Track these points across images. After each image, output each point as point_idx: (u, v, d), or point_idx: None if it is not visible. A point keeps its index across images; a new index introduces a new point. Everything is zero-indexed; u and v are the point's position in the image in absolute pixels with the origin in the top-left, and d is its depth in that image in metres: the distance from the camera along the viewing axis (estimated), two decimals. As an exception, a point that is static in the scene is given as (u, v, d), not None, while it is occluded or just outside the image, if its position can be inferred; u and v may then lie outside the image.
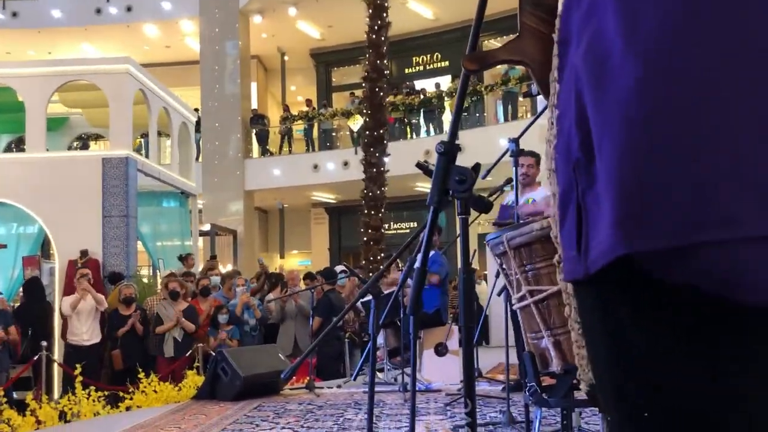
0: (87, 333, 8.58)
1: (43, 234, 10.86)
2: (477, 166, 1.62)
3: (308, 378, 6.87)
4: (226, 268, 16.49)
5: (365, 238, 13.38)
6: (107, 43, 20.48)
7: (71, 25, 19.90)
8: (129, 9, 19.85)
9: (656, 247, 0.72)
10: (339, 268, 9.41)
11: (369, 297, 6.42)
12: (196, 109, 17.98)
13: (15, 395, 8.19)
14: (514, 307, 2.86)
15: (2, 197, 10.44)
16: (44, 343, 8.12)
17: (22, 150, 11.05)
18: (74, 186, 10.20)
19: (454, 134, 1.58)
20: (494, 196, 4.97)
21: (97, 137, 16.05)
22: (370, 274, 11.51)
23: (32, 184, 10.24)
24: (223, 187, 18.15)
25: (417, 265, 1.61)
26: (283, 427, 5.27)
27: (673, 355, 0.75)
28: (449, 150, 1.54)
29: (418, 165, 2.70)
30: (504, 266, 2.93)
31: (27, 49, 20.31)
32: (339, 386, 7.14)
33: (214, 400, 6.56)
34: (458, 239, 1.70)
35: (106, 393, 6.88)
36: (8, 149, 12.93)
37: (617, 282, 0.78)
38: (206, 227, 16.15)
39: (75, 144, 15.90)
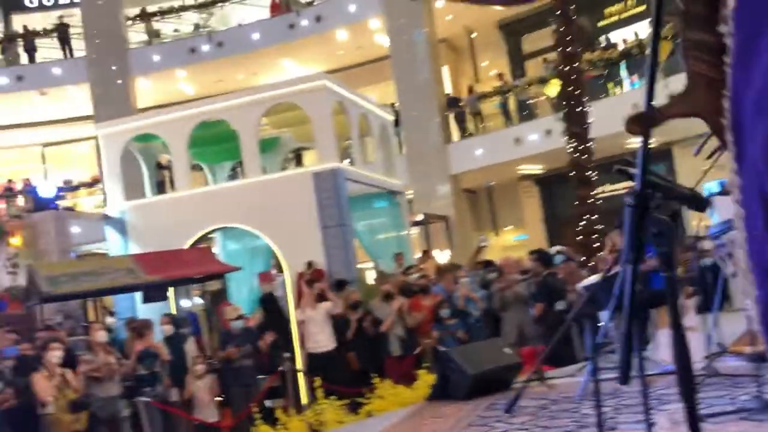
0: (323, 340, 9.07)
1: (271, 250, 11.68)
2: (675, 215, 1.44)
3: (538, 369, 6.74)
4: (443, 252, 16.77)
5: (577, 211, 12.94)
6: (304, 55, 21.47)
7: (270, 44, 21.13)
8: (318, 19, 20.67)
9: None
10: (554, 249, 9.17)
11: (591, 280, 6.15)
12: (393, 104, 18.35)
13: (268, 404, 8.89)
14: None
15: (232, 222, 11.38)
16: (287, 354, 8.72)
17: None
18: (291, 203, 10.84)
19: (644, 178, 1.40)
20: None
21: (309, 148, 16.93)
22: (585, 250, 11.12)
23: (254, 206, 11.02)
24: (429, 174, 18.38)
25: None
26: (519, 429, 5.21)
27: None
28: (641, 201, 1.37)
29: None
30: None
31: (236, 74, 21.87)
32: (572, 375, 6.94)
33: (446, 399, 6.67)
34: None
35: (348, 401, 7.22)
36: (233, 176, 13.98)
37: None
38: (419, 217, 16.47)
39: (289, 155, 16.82)
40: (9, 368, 7.43)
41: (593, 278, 6.45)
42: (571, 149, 13.20)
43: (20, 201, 17.28)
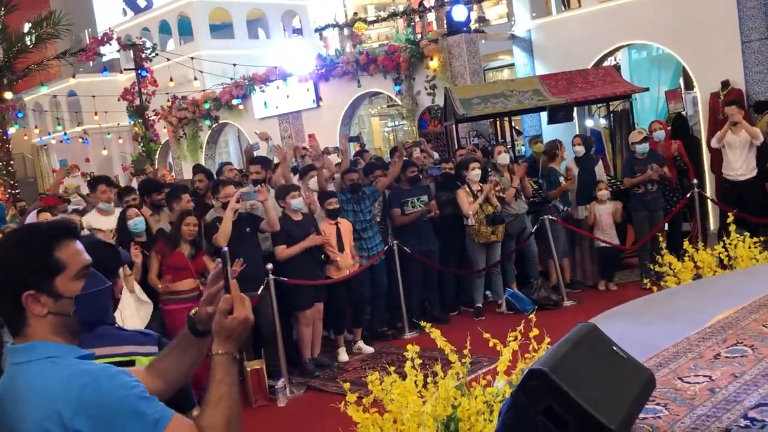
0: (741, 168, 8.43)
1: (681, 67, 10.90)
2: None
3: None
4: None
5: None
6: None
7: None
8: None
9: None
10: None
11: None
12: None
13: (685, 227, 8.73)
14: None
15: (641, 38, 10.80)
16: (695, 180, 8.33)
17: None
18: (708, 14, 9.85)
19: None
20: None
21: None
22: None
23: (666, 19, 10.26)
24: None
25: None
26: None
27: None
28: None
29: None
30: None
31: None
32: None
33: None
34: None
35: (762, 238, 6.73)
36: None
37: None
38: None
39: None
40: (433, 184, 8.37)
41: None
42: None
43: (431, 17, 18.15)
